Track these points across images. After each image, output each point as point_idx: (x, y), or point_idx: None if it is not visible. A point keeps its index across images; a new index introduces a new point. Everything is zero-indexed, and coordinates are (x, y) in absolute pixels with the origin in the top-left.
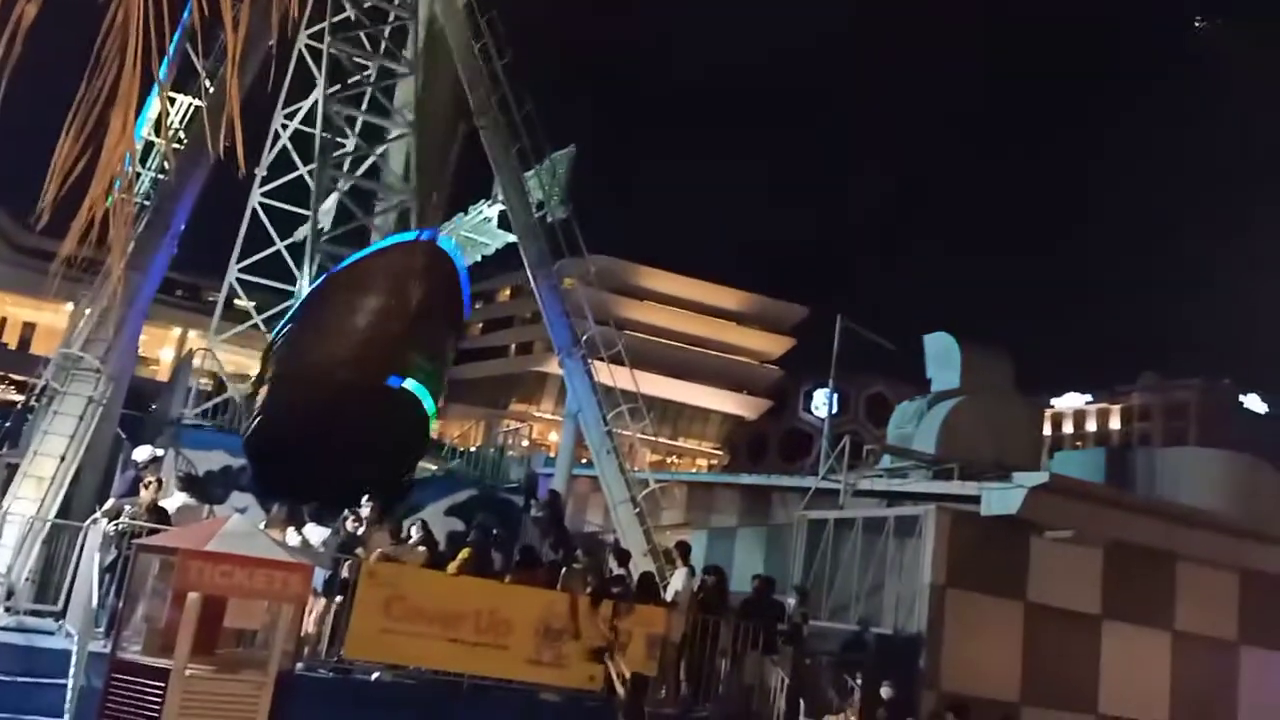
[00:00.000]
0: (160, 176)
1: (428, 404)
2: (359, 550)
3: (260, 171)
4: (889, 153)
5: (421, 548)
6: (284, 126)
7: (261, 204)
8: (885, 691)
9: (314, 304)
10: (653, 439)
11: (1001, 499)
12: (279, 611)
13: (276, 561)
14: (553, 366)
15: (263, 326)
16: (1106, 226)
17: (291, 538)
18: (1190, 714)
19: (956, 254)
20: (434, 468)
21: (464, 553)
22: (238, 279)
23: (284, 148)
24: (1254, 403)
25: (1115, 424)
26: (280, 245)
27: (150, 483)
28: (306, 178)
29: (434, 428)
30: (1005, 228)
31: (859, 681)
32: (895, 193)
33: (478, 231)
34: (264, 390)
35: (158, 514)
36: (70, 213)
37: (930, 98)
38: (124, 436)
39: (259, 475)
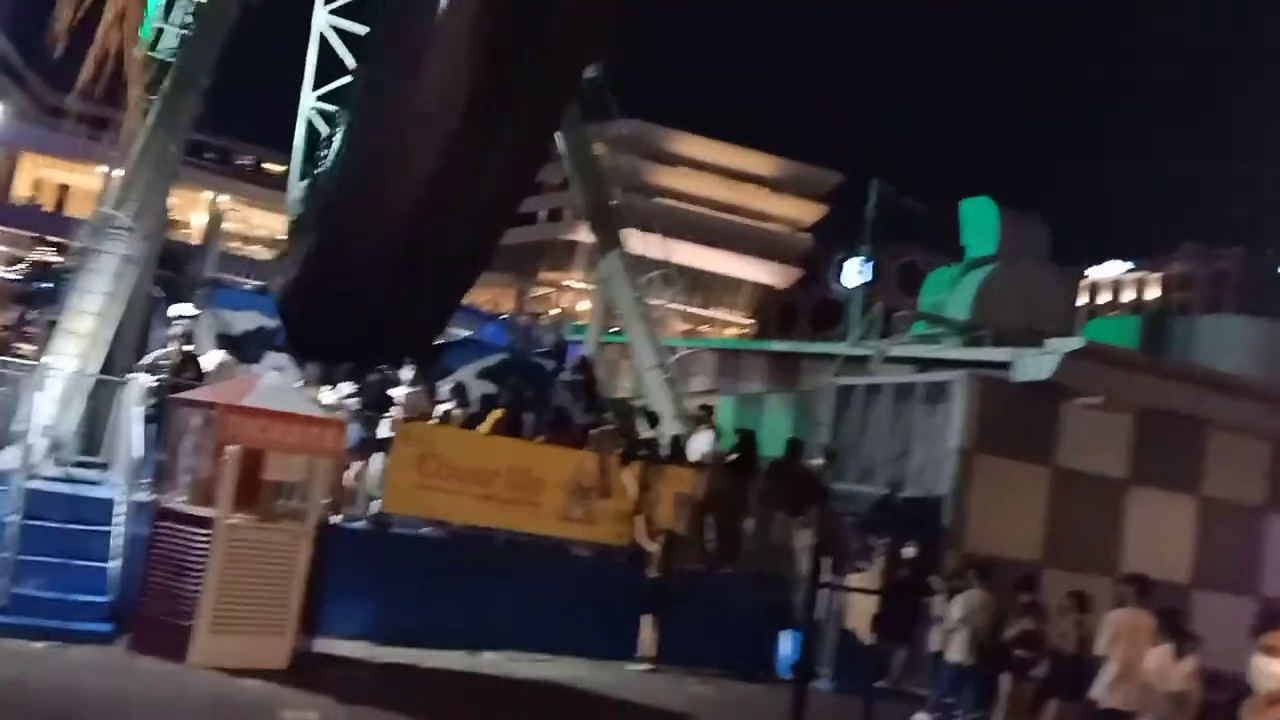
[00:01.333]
0: (185, 32)
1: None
2: (394, 409)
3: None
4: (928, 16)
5: (457, 410)
6: None
7: (333, 26)
8: (908, 551)
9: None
10: (682, 307)
11: (1035, 364)
12: (316, 465)
13: (312, 417)
14: (583, 234)
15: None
16: (1151, 93)
17: (326, 396)
18: (1212, 575)
19: (996, 118)
20: (467, 332)
21: (496, 413)
22: (315, 109)
23: None
24: None
25: (1154, 293)
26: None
27: (178, 336)
28: None
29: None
30: (1047, 92)
31: (884, 542)
32: (933, 55)
33: None
34: (303, 244)
35: (191, 364)
36: (98, 73)
37: None
38: (160, 295)
39: (293, 335)
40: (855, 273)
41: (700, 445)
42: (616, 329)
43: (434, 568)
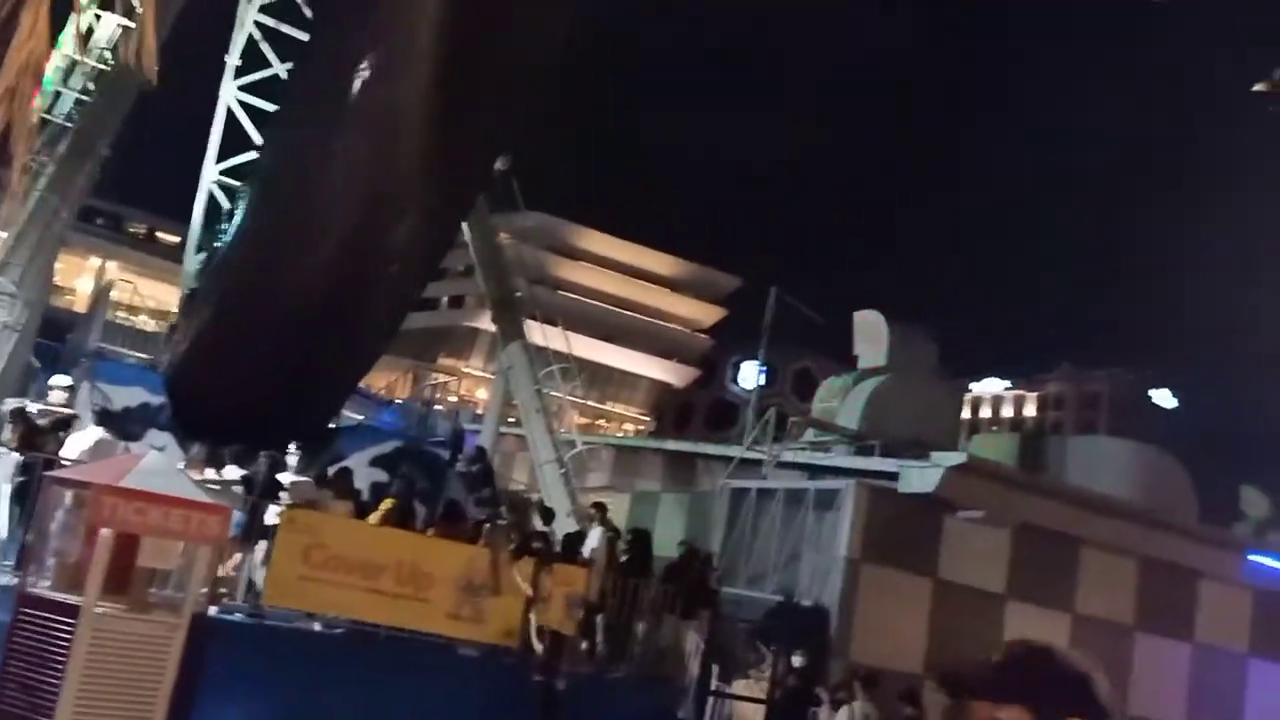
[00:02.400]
0: (83, 98)
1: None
2: (282, 496)
3: (233, 60)
4: (824, 131)
5: (347, 501)
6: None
7: (240, 101)
8: (796, 660)
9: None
10: (581, 401)
11: (919, 477)
12: (195, 553)
13: (194, 501)
14: (484, 322)
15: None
16: (1038, 217)
17: (211, 479)
18: None
19: (889, 234)
20: (360, 417)
21: (387, 503)
22: (217, 181)
23: (256, 39)
24: (1164, 397)
25: (1031, 410)
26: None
27: (49, 410)
28: (283, 75)
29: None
30: (937, 212)
31: (772, 649)
32: (832, 170)
33: None
34: (196, 318)
35: (49, 436)
36: None
37: (868, 71)
38: (38, 366)
39: (179, 413)
40: (751, 376)
41: (593, 543)
42: (515, 420)
43: (316, 665)
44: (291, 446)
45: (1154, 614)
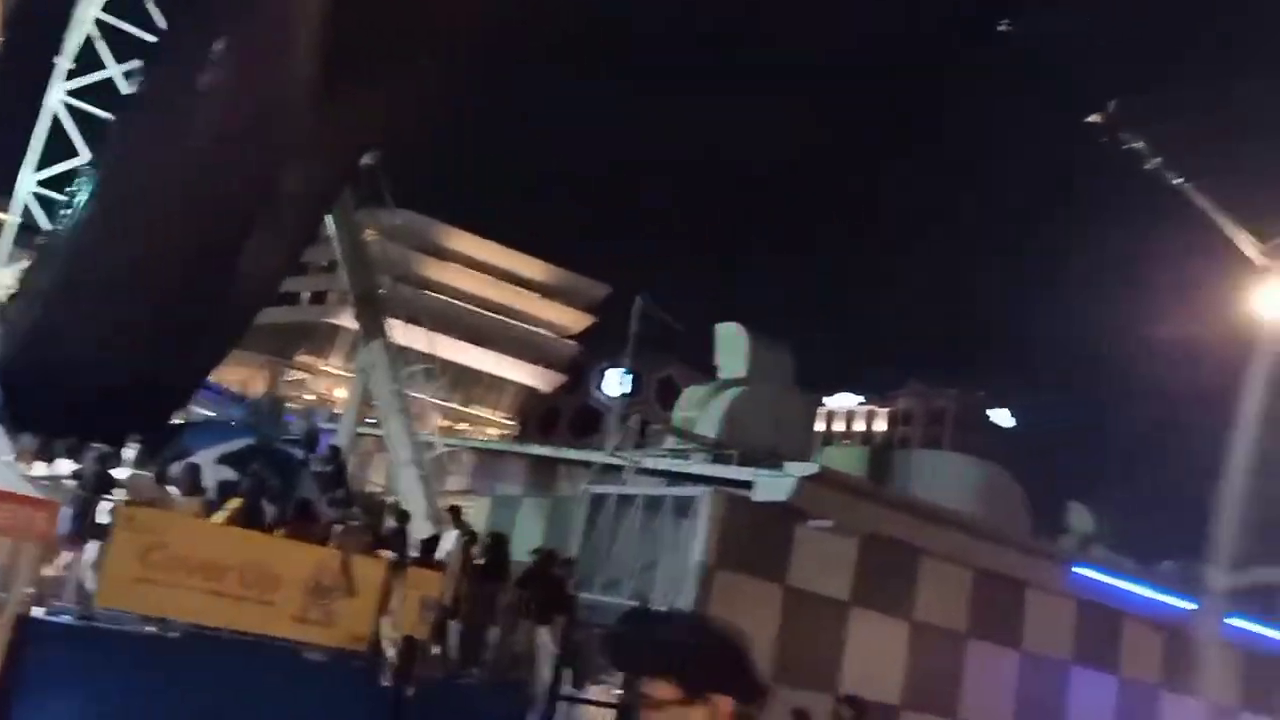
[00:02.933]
0: None
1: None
2: (116, 492)
3: (64, 63)
4: (695, 144)
5: (195, 499)
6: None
7: (66, 105)
8: None
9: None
10: (444, 403)
11: (773, 486)
12: (19, 550)
13: (18, 495)
14: (346, 319)
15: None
16: (897, 241)
17: (40, 473)
18: (919, 697)
19: (754, 249)
20: (209, 413)
21: (234, 502)
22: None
23: (93, 40)
24: (1002, 416)
25: (881, 425)
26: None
27: None
28: (118, 80)
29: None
30: (801, 230)
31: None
32: (701, 184)
33: None
34: (30, 306)
35: None
36: None
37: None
38: None
39: (9, 405)
40: (616, 383)
41: (448, 547)
42: (374, 420)
43: (150, 669)
44: (129, 441)
45: (985, 622)
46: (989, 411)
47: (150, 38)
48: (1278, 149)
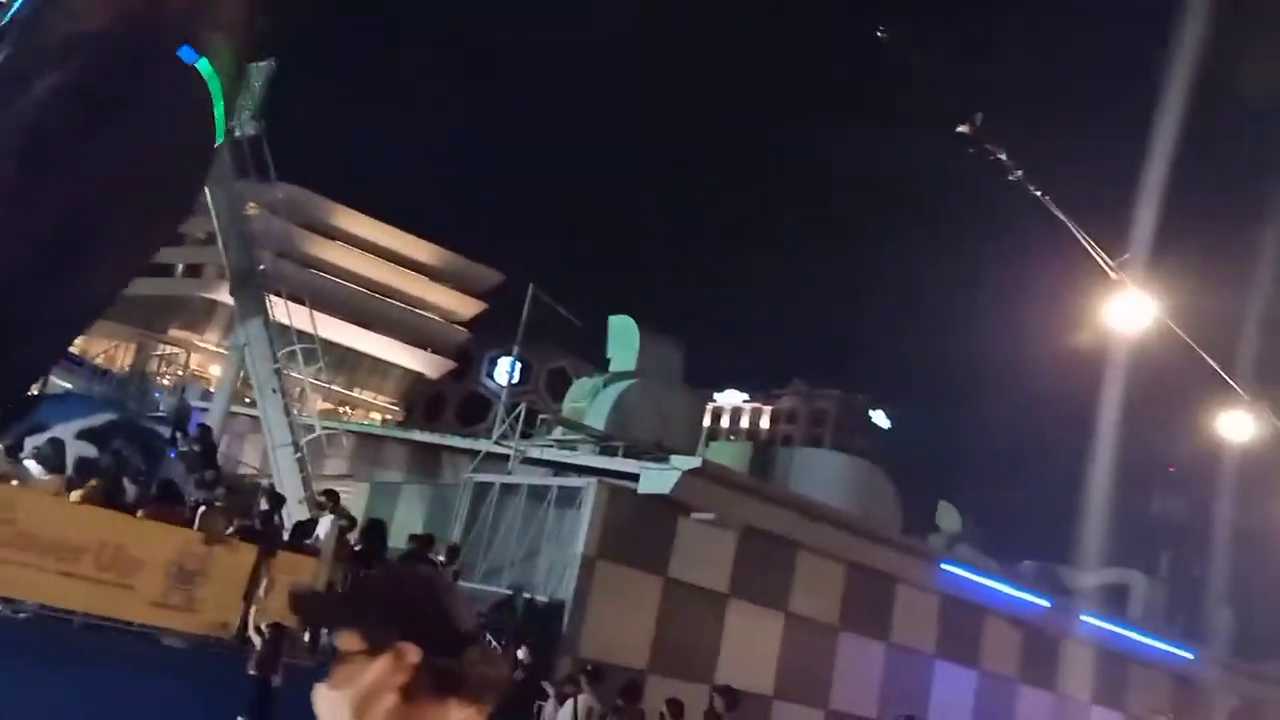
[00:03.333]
0: None
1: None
2: None
3: None
4: (594, 137)
5: (58, 476)
6: None
7: None
8: (521, 653)
9: None
10: (326, 385)
11: (658, 478)
12: None
13: None
14: (224, 294)
15: None
16: (785, 241)
17: None
18: (791, 687)
19: (650, 245)
20: (69, 385)
21: (93, 482)
22: None
23: None
24: (880, 418)
25: (765, 423)
26: None
27: None
28: None
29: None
30: (696, 229)
31: (501, 643)
32: (597, 176)
33: None
34: None
35: None
36: None
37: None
38: None
39: None
40: (505, 372)
41: (323, 532)
42: (250, 400)
43: None
44: None
45: (856, 615)
46: (869, 413)
47: None
48: (1131, 168)
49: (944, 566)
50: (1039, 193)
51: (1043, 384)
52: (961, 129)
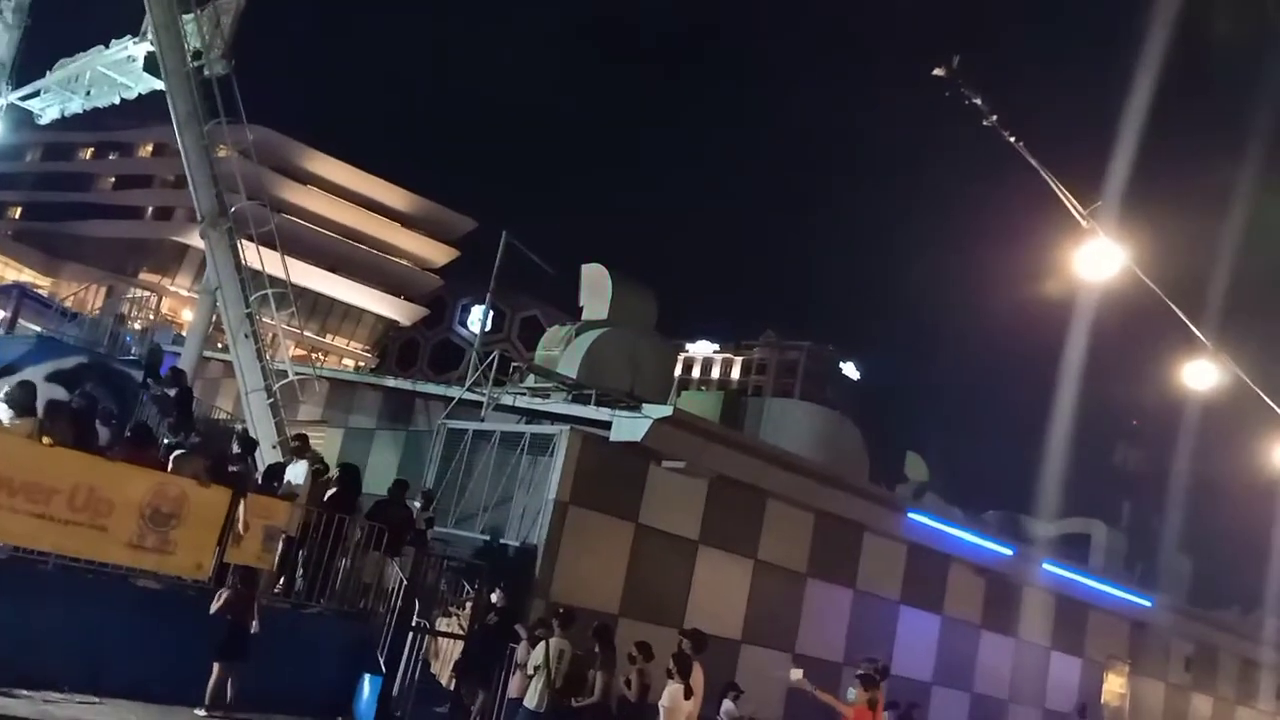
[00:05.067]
0: None
1: None
2: None
3: None
4: (572, 84)
5: (29, 419)
6: None
7: None
8: (495, 597)
9: None
10: (298, 331)
11: (630, 426)
12: None
13: None
14: (194, 238)
15: None
16: (757, 192)
17: None
18: (759, 632)
19: (622, 191)
20: (38, 328)
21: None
22: None
23: None
24: (850, 369)
25: (737, 373)
26: None
27: None
28: None
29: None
30: (670, 175)
31: (475, 587)
32: (575, 123)
33: (119, 70)
34: None
35: None
36: None
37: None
38: None
39: None
40: (478, 319)
41: (294, 476)
42: (223, 346)
43: None
44: None
45: (824, 562)
46: (839, 364)
47: None
48: (1102, 112)
49: (910, 515)
50: (1013, 139)
51: (1010, 334)
52: (937, 72)
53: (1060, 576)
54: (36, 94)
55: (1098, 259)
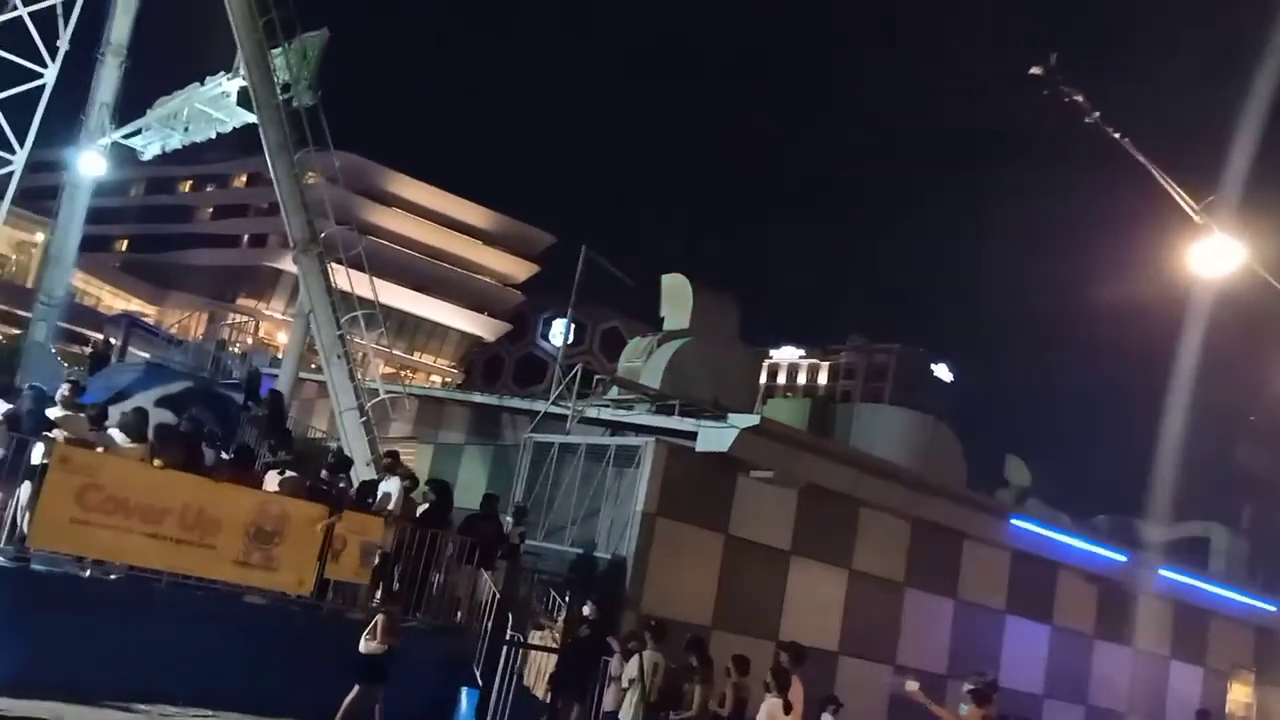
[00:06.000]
0: None
1: None
2: (54, 433)
3: None
4: (646, 97)
5: (141, 445)
6: None
7: None
8: (587, 609)
9: None
10: (387, 350)
11: (715, 437)
12: None
13: None
14: (287, 263)
15: None
16: (844, 192)
17: None
18: (857, 644)
19: (701, 202)
20: (146, 355)
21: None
22: None
23: None
24: (942, 371)
25: (824, 379)
26: None
27: None
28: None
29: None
30: (750, 183)
31: (566, 600)
32: (651, 135)
33: (214, 106)
34: None
35: None
36: None
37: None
38: None
39: None
40: (560, 333)
41: (390, 493)
42: (316, 366)
43: (86, 611)
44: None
45: (922, 571)
46: (930, 366)
47: None
48: (1213, 105)
49: (1013, 522)
50: (1117, 134)
51: (1116, 332)
52: (1034, 70)
53: (1178, 583)
54: (138, 132)
55: (1213, 255)
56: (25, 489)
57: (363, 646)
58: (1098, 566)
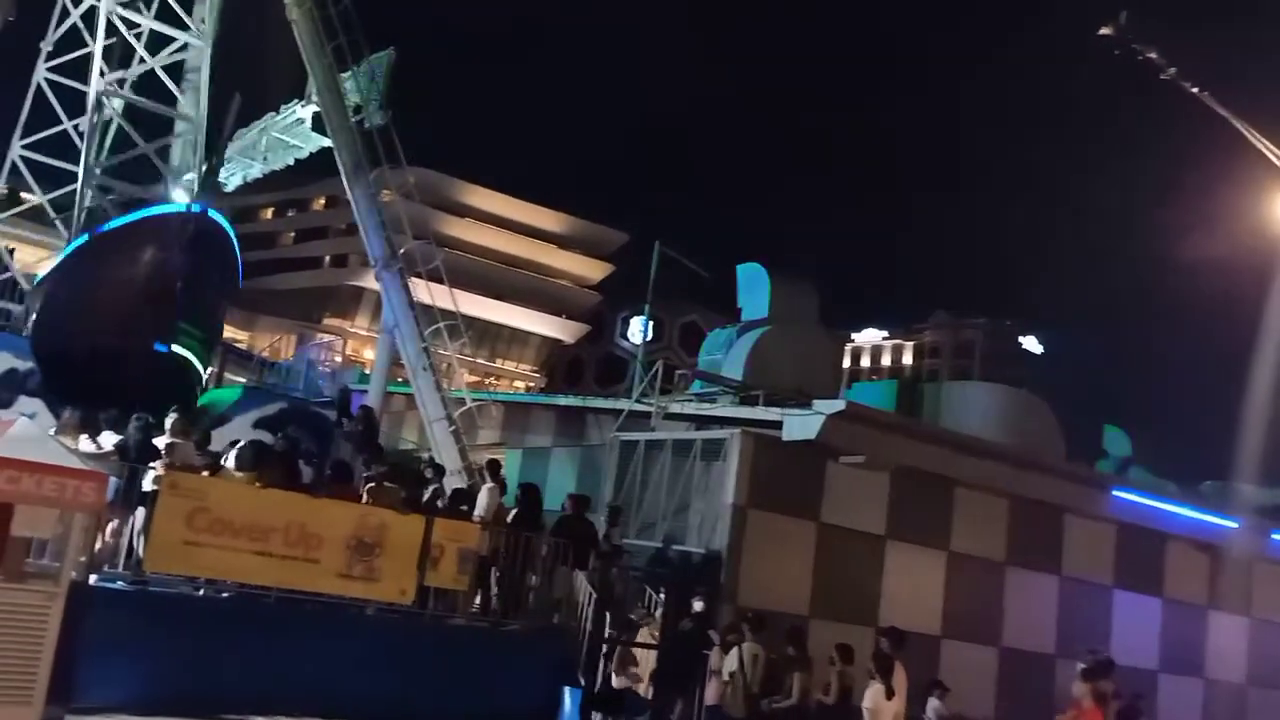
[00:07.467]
0: None
1: (198, 365)
2: (163, 461)
3: (46, 46)
4: (713, 89)
5: (240, 472)
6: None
7: (48, 80)
8: (697, 604)
9: (78, 262)
10: (470, 359)
11: (801, 425)
12: (71, 520)
13: (68, 468)
14: (369, 281)
15: (49, 210)
16: (915, 168)
17: (85, 445)
18: (959, 626)
19: (774, 190)
20: (242, 379)
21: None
22: (21, 157)
23: (74, 24)
24: (1031, 344)
25: (908, 359)
26: (68, 124)
27: None
28: (97, 56)
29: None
30: (820, 167)
31: (662, 596)
32: (718, 127)
33: (290, 133)
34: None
35: None
36: None
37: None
38: None
39: (48, 378)
40: (639, 330)
41: (484, 499)
42: (403, 379)
43: (203, 629)
44: (167, 409)
45: (1024, 549)
46: (1019, 339)
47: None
48: None
49: (1116, 493)
50: (1196, 89)
51: (1210, 292)
52: (1104, 30)
53: None
54: (221, 165)
55: None
56: (139, 515)
57: (615, 681)
58: (1208, 534)
